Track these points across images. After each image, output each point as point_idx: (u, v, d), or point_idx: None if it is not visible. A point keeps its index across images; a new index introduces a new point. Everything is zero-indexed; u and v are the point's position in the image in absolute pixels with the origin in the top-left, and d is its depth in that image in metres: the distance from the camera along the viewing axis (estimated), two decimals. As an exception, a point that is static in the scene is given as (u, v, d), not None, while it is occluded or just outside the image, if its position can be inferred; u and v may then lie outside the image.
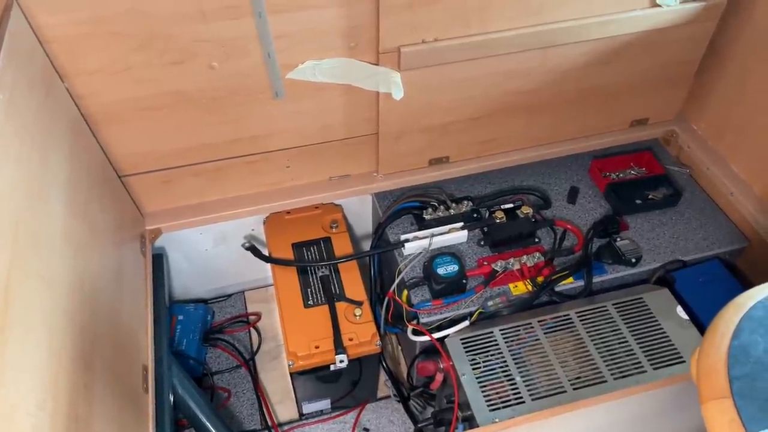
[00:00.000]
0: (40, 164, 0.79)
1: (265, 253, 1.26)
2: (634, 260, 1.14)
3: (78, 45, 0.92)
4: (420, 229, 1.20)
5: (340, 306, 1.16)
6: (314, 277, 1.21)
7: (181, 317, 1.33)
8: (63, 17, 0.88)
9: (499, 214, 1.20)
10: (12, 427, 0.58)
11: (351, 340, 1.11)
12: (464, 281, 1.11)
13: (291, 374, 1.13)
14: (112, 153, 1.07)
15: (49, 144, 0.83)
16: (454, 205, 1.23)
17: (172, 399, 1.08)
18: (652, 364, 1.01)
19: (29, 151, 0.77)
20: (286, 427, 1.29)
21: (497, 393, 0.98)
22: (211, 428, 1.14)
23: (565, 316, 1.08)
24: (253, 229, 1.33)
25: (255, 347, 1.40)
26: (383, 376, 1.32)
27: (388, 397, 1.33)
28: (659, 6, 1.09)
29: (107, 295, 0.92)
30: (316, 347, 1.10)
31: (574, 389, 0.98)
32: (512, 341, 1.04)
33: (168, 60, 0.97)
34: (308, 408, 1.28)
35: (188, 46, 0.96)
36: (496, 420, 0.94)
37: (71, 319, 0.77)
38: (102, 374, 0.82)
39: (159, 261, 1.23)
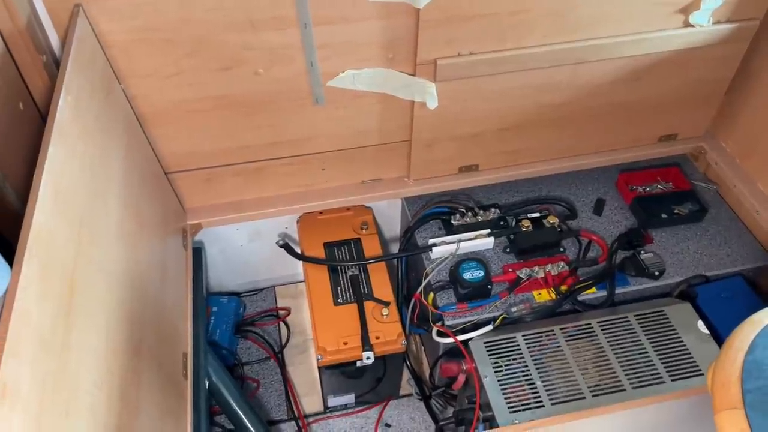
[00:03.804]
0: (101, 162, 0.85)
1: (298, 251, 1.31)
2: (657, 273, 1.17)
3: (134, 50, 0.98)
4: (448, 234, 1.24)
5: (368, 305, 1.20)
6: (344, 276, 1.26)
7: (215, 308, 1.40)
8: (122, 24, 0.94)
9: (526, 223, 1.24)
10: (75, 403, 0.64)
11: (378, 338, 1.16)
12: (489, 287, 1.15)
13: (319, 368, 1.18)
14: (160, 151, 1.13)
15: (107, 143, 0.89)
16: (481, 212, 1.27)
17: (207, 386, 1.14)
18: (670, 376, 1.04)
19: (92, 150, 0.83)
20: (311, 419, 1.34)
21: (518, 396, 1.02)
22: (243, 416, 1.19)
23: (586, 325, 1.11)
24: (286, 228, 1.39)
25: (284, 341, 1.46)
26: (406, 375, 1.36)
27: (410, 395, 1.38)
28: (692, 26, 1.11)
29: (153, 286, 0.98)
30: (345, 343, 1.15)
31: (593, 396, 1.01)
32: (534, 347, 1.08)
33: (216, 66, 1.03)
34: (333, 402, 1.33)
35: (236, 53, 1.01)
36: (516, 422, 0.97)
37: (123, 308, 0.83)
38: (148, 360, 0.88)
39: (198, 254, 1.29)
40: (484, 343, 1.08)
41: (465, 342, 1.10)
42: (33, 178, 0.68)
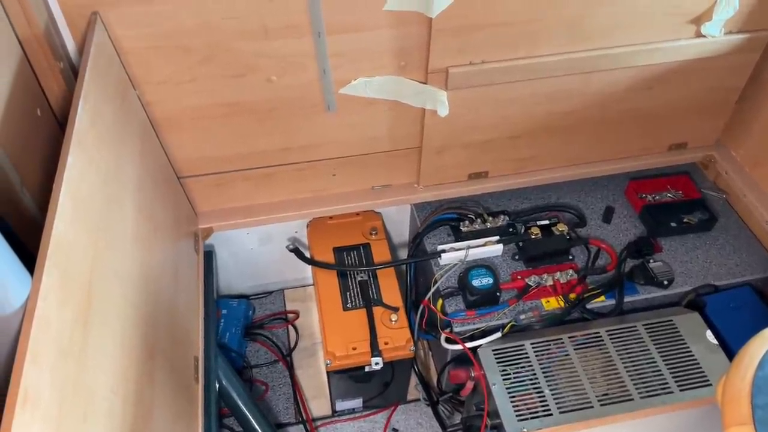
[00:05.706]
0: (116, 168, 0.86)
1: (308, 255, 1.32)
2: (666, 282, 1.17)
3: (149, 56, 0.99)
4: (456, 241, 1.24)
5: (377, 310, 1.21)
6: (353, 281, 1.26)
7: (224, 311, 1.41)
8: (138, 31, 0.95)
9: (535, 230, 1.24)
10: (93, 409, 0.65)
11: (386, 344, 1.16)
12: (498, 294, 1.15)
13: (327, 373, 1.19)
14: (173, 156, 1.14)
15: (122, 149, 0.91)
16: (490, 218, 1.27)
17: (216, 388, 1.15)
18: (678, 386, 1.04)
19: (107, 156, 0.84)
20: (319, 423, 1.35)
21: (526, 404, 1.02)
22: (252, 419, 1.20)
23: (595, 333, 1.11)
24: (296, 232, 1.39)
25: (293, 344, 1.47)
26: (414, 380, 1.37)
27: (417, 400, 1.38)
28: (704, 36, 1.11)
29: (166, 290, 0.99)
30: (353, 348, 1.16)
31: (601, 405, 1.02)
32: (543, 355, 1.08)
33: (230, 73, 1.03)
34: (341, 406, 1.34)
35: (250, 60, 1.02)
36: (525, 430, 0.98)
37: (138, 312, 0.84)
38: (161, 363, 0.89)
39: (209, 258, 1.30)
40: (493, 350, 1.09)
41: (473, 349, 1.10)
42: (52, 186, 0.69)
